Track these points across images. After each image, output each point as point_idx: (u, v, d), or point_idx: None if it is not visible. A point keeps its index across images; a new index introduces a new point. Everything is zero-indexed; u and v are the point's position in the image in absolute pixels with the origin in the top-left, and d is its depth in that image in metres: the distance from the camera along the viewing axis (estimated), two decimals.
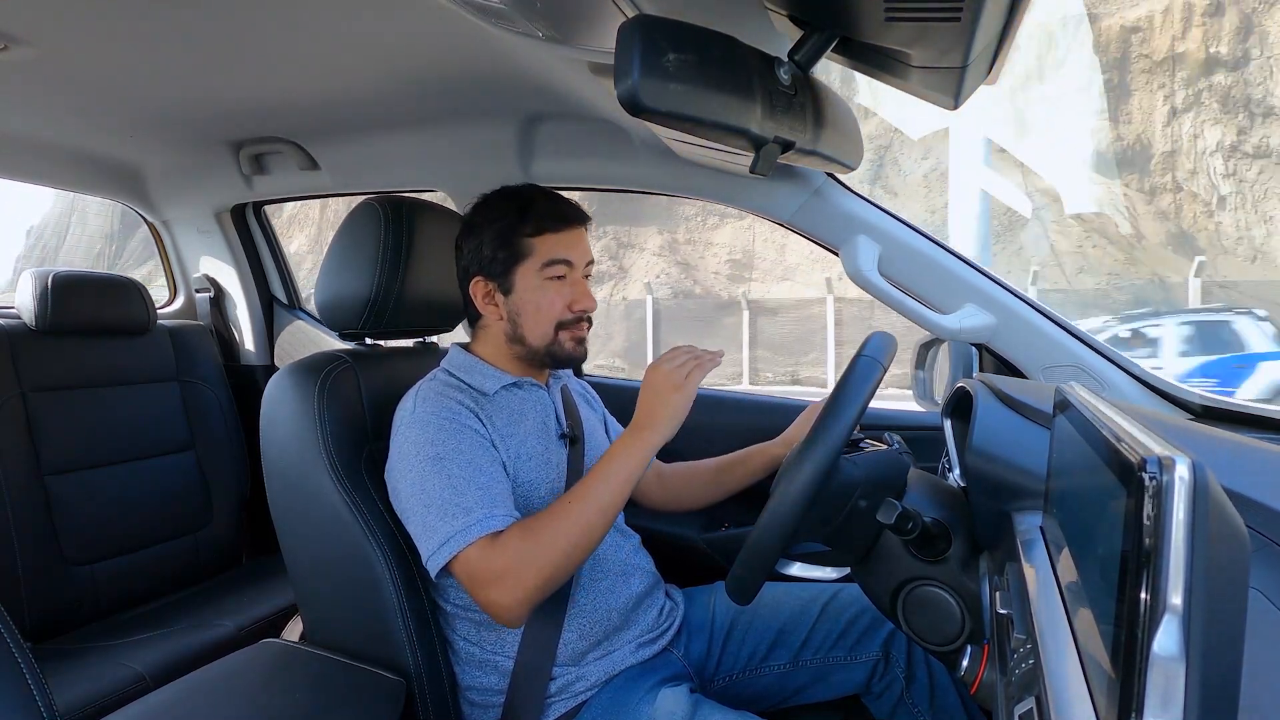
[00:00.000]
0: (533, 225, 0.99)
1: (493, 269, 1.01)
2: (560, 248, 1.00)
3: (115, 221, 21.57)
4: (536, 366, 1.06)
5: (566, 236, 1.01)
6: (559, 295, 1.00)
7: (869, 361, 0.76)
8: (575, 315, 1.01)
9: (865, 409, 0.75)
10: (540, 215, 1.00)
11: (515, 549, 0.84)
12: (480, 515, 0.86)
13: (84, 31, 1.00)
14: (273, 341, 2.04)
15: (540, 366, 1.06)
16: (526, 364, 1.05)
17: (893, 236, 1.19)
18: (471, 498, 0.87)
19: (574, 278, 1.02)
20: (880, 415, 1.36)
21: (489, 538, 0.85)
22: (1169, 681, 0.31)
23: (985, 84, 0.85)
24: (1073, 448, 0.51)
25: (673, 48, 0.63)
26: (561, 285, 1.00)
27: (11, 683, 0.55)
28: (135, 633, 1.45)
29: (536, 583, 0.84)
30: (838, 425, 0.73)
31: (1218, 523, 0.32)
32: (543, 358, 1.03)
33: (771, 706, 1.08)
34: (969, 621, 0.73)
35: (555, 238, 1.00)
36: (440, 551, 0.86)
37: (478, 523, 0.85)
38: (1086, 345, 1.17)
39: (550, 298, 1.00)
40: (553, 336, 1.01)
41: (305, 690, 0.92)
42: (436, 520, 0.86)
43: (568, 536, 0.85)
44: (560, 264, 1.00)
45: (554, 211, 1.01)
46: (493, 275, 1.01)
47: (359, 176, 1.63)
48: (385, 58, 1.10)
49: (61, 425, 1.55)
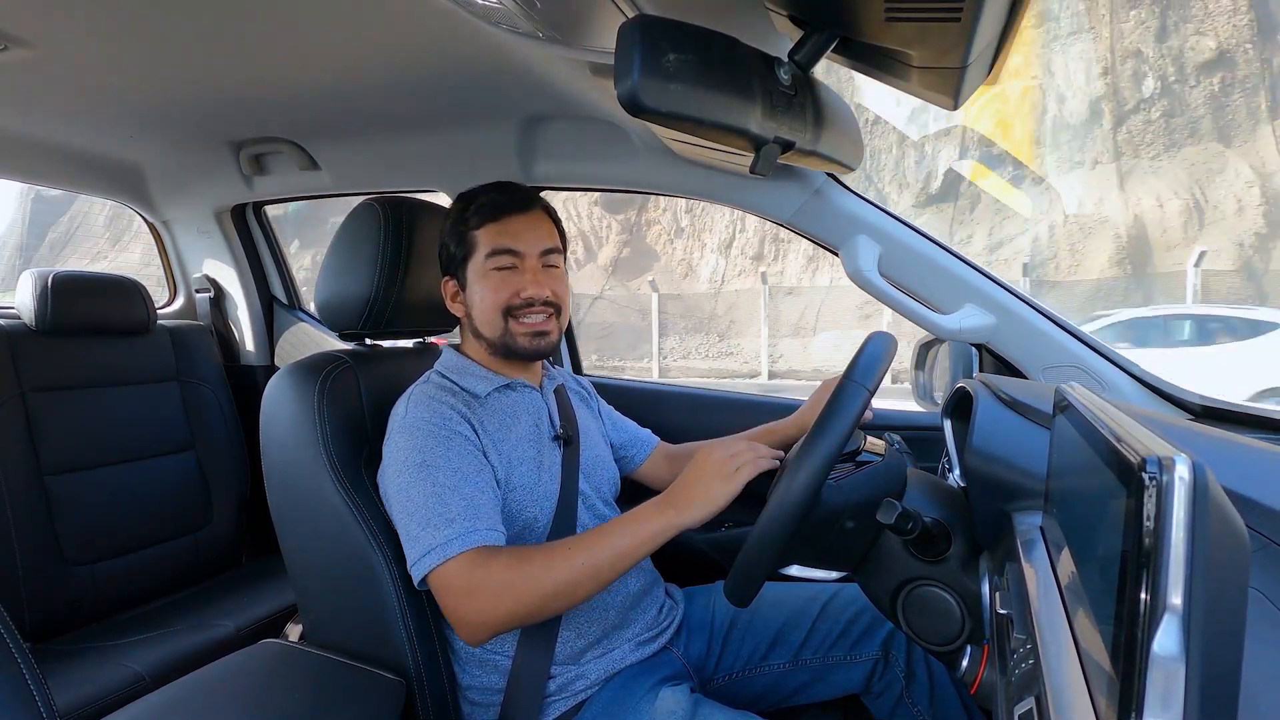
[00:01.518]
0: (475, 218, 1.01)
1: (452, 267, 1.04)
2: (502, 237, 1.00)
3: (25, 234, 21.73)
4: (516, 362, 1.05)
5: (508, 225, 1.01)
6: (504, 283, 1.00)
7: (855, 387, 0.76)
8: (524, 301, 1.00)
9: (850, 435, 0.74)
10: (480, 206, 1.02)
11: (498, 574, 0.83)
12: (463, 528, 0.85)
13: (84, 31, 1.00)
14: (273, 341, 2.04)
15: (517, 361, 1.05)
16: (504, 361, 1.05)
17: (893, 237, 1.19)
18: (455, 508, 0.86)
19: (526, 266, 1.01)
20: (880, 415, 1.36)
21: (473, 553, 0.84)
22: (1169, 681, 0.31)
23: (985, 84, 0.85)
24: (1073, 448, 0.51)
25: (673, 48, 0.63)
26: (510, 273, 1.00)
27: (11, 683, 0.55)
28: (135, 633, 1.45)
29: (507, 614, 0.83)
30: (818, 455, 0.73)
31: (1218, 523, 0.32)
32: (501, 351, 1.02)
33: (771, 706, 1.08)
34: (969, 621, 0.73)
35: (496, 227, 1.00)
36: (421, 562, 0.85)
37: (460, 536, 0.84)
38: (1086, 345, 1.17)
39: (494, 285, 1.00)
40: (503, 326, 1.00)
41: (305, 690, 0.92)
42: (419, 529, 0.86)
43: (553, 582, 0.82)
44: (504, 254, 1.00)
45: (493, 202, 1.02)
46: (453, 273, 1.04)
47: (359, 177, 1.63)
48: (385, 58, 1.10)
49: (61, 425, 1.55)
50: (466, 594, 0.83)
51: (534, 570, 0.83)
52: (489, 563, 0.84)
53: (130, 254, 19.07)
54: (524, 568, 0.83)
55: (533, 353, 1.02)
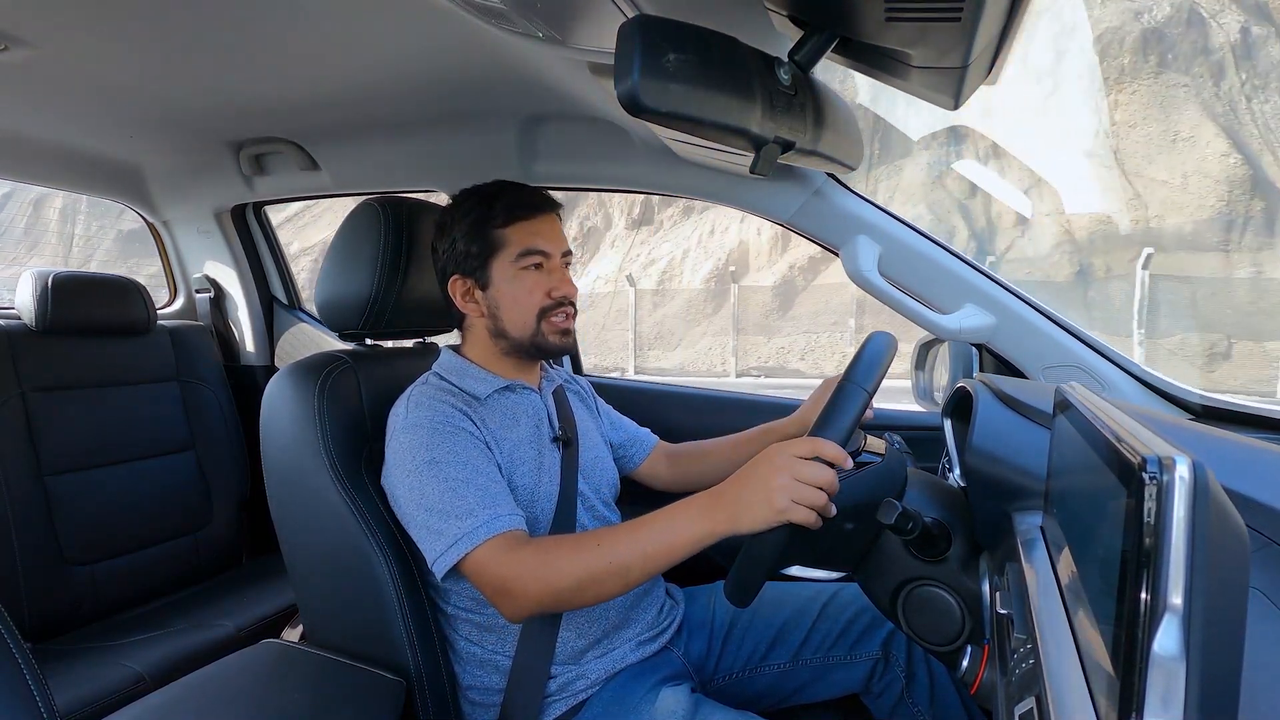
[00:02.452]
0: (502, 216, 0.99)
1: (468, 265, 1.01)
2: (533, 237, 1.00)
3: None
4: (526, 361, 1.05)
5: (538, 224, 1.01)
6: (537, 284, 1.00)
7: (854, 388, 0.76)
8: (555, 301, 1.01)
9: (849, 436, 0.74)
10: (509, 205, 1.00)
11: (528, 562, 0.83)
12: (485, 517, 0.85)
13: (84, 32, 1.00)
14: (273, 342, 2.04)
15: (529, 360, 1.05)
16: (515, 361, 1.04)
17: (893, 236, 1.19)
18: (472, 499, 0.87)
19: (551, 265, 1.01)
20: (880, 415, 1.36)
21: (500, 540, 0.84)
22: (1169, 681, 0.31)
23: (985, 84, 0.85)
24: (1073, 448, 0.51)
25: (673, 48, 0.63)
26: (539, 274, 1.00)
27: (11, 683, 0.55)
28: (135, 633, 1.45)
29: (539, 600, 0.83)
30: None
31: (1218, 523, 0.32)
32: (529, 350, 1.02)
33: (771, 706, 1.08)
34: (969, 621, 0.73)
35: (527, 226, 1.00)
36: (448, 554, 0.85)
37: (483, 525, 0.85)
38: (1086, 345, 1.17)
39: (528, 286, 1.00)
40: (535, 327, 1.01)
41: (305, 690, 0.92)
42: (440, 523, 0.86)
43: (586, 571, 0.80)
44: (535, 254, 1.00)
45: (522, 200, 1.01)
46: (469, 272, 1.02)
47: (359, 177, 1.63)
48: (385, 58, 1.10)
49: (61, 425, 1.55)
50: (500, 588, 0.84)
51: (563, 561, 0.82)
52: (518, 552, 0.84)
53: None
54: (555, 558, 0.82)
55: (563, 350, 1.03)
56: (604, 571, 0.80)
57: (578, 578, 0.81)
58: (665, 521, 0.80)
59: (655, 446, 1.26)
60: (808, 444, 0.73)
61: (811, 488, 0.71)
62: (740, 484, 0.76)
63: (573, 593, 0.82)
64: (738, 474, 0.78)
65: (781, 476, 0.72)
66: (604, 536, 0.82)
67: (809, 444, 0.73)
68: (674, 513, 0.80)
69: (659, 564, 0.79)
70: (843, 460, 0.73)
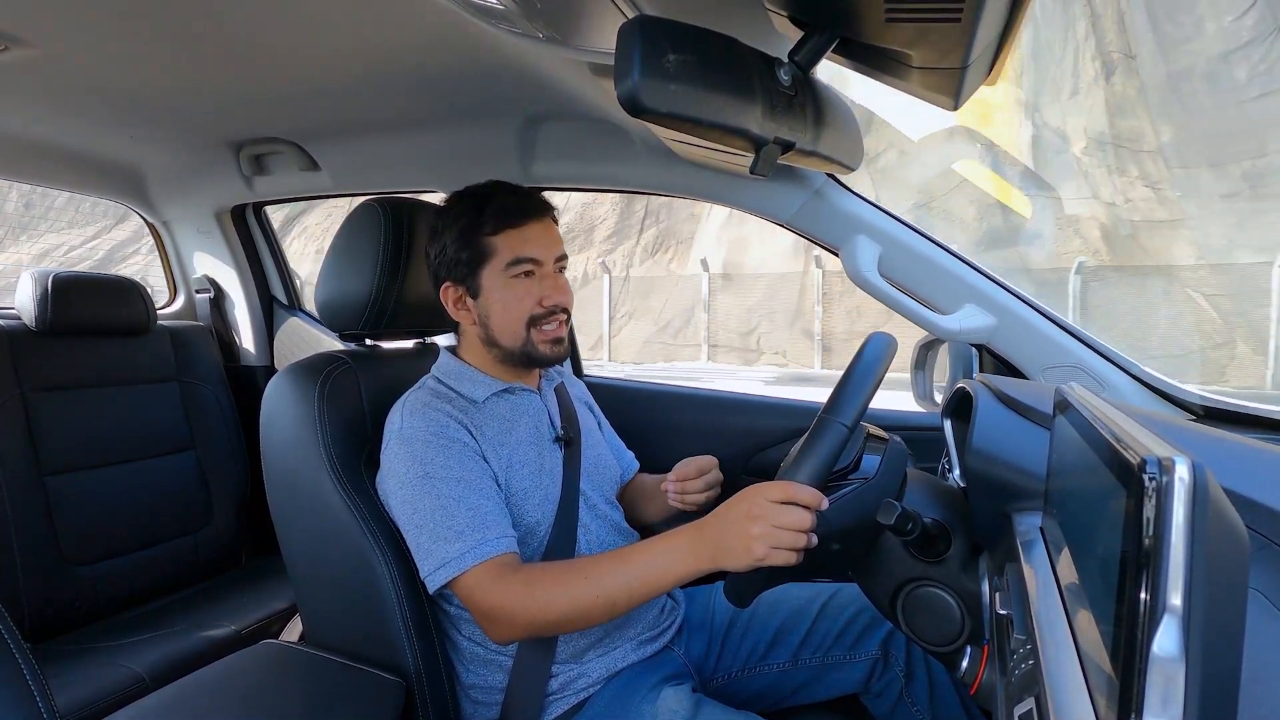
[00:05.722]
0: (492, 223, 0.97)
1: (458, 273, 0.99)
2: (524, 244, 0.97)
3: None
4: (522, 369, 1.04)
5: (528, 231, 0.98)
6: (528, 292, 0.98)
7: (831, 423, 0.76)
8: (547, 310, 0.99)
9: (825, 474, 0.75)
10: (498, 212, 0.97)
11: (515, 592, 0.83)
12: (474, 541, 0.86)
13: (84, 31, 1.00)
14: (273, 342, 2.04)
15: (524, 368, 1.04)
16: (511, 367, 1.03)
17: (893, 237, 1.19)
18: (462, 520, 0.87)
19: (544, 273, 0.99)
20: (880, 416, 1.36)
21: (489, 567, 0.85)
22: (1169, 682, 0.31)
23: (985, 84, 0.85)
24: (1073, 448, 0.51)
25: (673, 48, 0.63)
26: (530, 281, 0.98)
27: (11, 683, 0.55)
28: (135, 633, 1.45)
29: (526, 628, 0.85)
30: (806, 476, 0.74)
31: (1218, 523, 0.32)
32: (520, 359, 1.01)
33: (770, 705, 1.08)
34: (969, 622, 0.73)
35: (517, 233, 0.98)
36: (436, 574, 0.87)
37: (471, 550, 0.85)
38: (1086, 345, 1.17)
39: (518, 295, 0.98)
40: (525, 336, 0.99)
41: (305, 691, 0.92)
42: (430, 543, 0.87)
43: (572, 604, 0.81)
44: (526, 262, 0.98)
45: (512, 207, 0.98)
46: (460, 279, 1.00)
47: (359, 177, 1.63)
48: (385, 58, 1.10)
49: (61, 425, 1.55)
50: (486, 614, 0.85)
51: (552, 590, 0.83)
52: (505, 581, 0.84)
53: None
54: (543, 587, 0.83)
55: (554, 359, 1.01)
56: (591, 604, 0.81)
57: (563, 611, 0.82)
58: (652, 556, 0.81)
59: (635, 472, 1.23)
60: (780, 489, 0.73)
61: (789, 532, 0.72)
62: (720, 528, 0.76)
63: (559, 624, 0.84)
64: (718, 514, 0.78)
65: (758, 525, 0.72)
66: (591, 568, 0.83)
67: (782, 489, 0.73)
68: (661, 547, 0.81)
69: (645, 596, 0.81)
70: (817, 503, 0.73)
